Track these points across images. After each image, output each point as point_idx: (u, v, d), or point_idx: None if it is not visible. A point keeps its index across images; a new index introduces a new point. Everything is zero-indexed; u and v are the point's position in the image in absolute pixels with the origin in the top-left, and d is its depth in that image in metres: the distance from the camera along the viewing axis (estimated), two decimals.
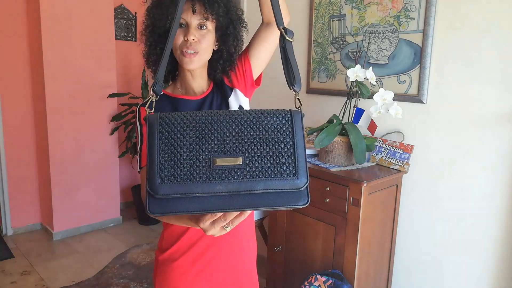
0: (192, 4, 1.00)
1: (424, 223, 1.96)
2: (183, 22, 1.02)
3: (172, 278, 1.10)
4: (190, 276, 1.10)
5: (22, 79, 3.28)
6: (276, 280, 2.12)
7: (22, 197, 3.39)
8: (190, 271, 1.10)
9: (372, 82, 1.82)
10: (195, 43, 1.02)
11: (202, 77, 1.12)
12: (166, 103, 1.09)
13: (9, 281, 2.62)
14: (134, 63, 3.94)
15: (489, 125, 1.71)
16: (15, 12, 3.17)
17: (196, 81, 1.11)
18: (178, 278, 1.10)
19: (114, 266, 2.84)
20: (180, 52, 1.03)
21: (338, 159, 1.89)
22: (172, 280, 1.10)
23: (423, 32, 1.85)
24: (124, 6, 3.79)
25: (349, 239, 1.74)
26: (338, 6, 2.20)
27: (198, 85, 1.12)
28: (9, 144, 3.25)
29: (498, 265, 1.74)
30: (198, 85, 1.12)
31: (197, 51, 1.03)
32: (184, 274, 1.10)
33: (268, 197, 0.70)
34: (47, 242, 3.25)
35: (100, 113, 3.43)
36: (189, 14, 1.01)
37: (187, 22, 1.02)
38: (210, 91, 1.13)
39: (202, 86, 1.13)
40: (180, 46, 1.02)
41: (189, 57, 1.02)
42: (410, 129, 1.96)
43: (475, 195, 1.78)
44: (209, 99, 1.12)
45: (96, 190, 3.50)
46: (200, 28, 1.03)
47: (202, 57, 1.05)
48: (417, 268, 2.00)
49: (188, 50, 1.02)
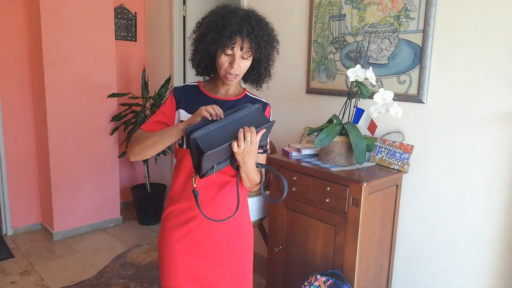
0: (242, 42, 1.22)
1: (424, 223, 1.96)
2: (231, 53, 1.23)
3: (164, 233, 1.37)
4: (178, 235, 1.33)
5: (22, 79, 3.28)
6: (276, 280, 2.12)
7: (22, 197, 3.39)
8: (177, 230, 1.33)
9: (372, 82, 1.82)
10: (237, 69, 1.25)
11: (232, 86, 1.36)
12: (194, 91, 1.35)
13: (9, 281, 2.62)
14: (134, 63, 3.94)
15: (489, 125, 1.71)
16: (15, 12, 3.16)
17: (224, 87, 1.35)
18: (168, 235, 1.35)
19: (114, 266, 2.84)
20: (224, 73, 1.26)
21: (338, 159, 1.89)
22: (164, 235, 1.36)
23: (423, 32, 1.85)
24: (124, 6, 3.79)
25: (349, 239, 1.74)
26: (338, 6, 2.20)
27: (225, 91, 1.36)
28: (9, 144, 3.25)
29: (498, 265, 1.74)
30: (225, 91, 1.36)
31: (237, 74, 1.27)
32: (173, 231, 1.34)
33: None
34: (47, 242, 3.25)
35: (100, 113, 3.43)
36: (237, 48, 1.22)
37: (234, 54, 1.23)
38: (236, 99, 1.35)
39: (229, 90, 1.36)
40: (225, 68, 1.26)
41: (231, 80, 1.27)
42: (410, 129, 1.96)
43: (475, 195, 1.78)
44: (230, 104, 1.33)
45: (96, 190, 3.50)
46: (242, 58, 1.25)
47: (239, 77, 1.31)
48: (417, 268, 2.00)
49: (230, 75, 1.26)
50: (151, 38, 3.90)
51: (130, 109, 3.48)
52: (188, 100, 1.32)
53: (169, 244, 1.34)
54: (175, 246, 1.33)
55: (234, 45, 1.21)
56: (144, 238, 3.37)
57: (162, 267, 1.37)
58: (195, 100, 1.32)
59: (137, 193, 3.64)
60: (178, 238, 1.33)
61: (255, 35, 1.22)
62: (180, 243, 1.33)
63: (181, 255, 1.33)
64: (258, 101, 1.38)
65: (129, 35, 3.87)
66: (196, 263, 1.33)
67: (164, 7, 3.66)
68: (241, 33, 1.20)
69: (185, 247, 1.33)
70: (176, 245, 1.33)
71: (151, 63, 3.93)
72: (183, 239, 1.33)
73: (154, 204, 3.67)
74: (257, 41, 1.23)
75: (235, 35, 1.20)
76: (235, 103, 1.34)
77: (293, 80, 2.51)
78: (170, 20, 3.58)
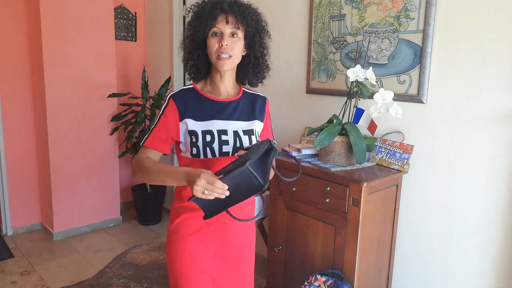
0: (226, 16, 1.21)
1: (424, 223, 1.96)
2: (218, 31, 1.22)
3: (176, 243, 1.30)
4: (192, 241, 1.28)
5: (22, 79, 3.28)
6: (276, 280, 2.12)
7: (22, 197, 3.39)
8: (190, 237, 1.29)
9: (372, 82, 1.82)
10: (228, 48, 1.22)
11: (230, 80, 1.32)
12: (193, 95, 1.29)
13: (9, 281, 2.62)
14: (134, 63, 3.94)
15: (489, 125, 1.71)
16: (14, 12, 3.17)
17: (223, 83, 1.31)
18: (183, 242, 1.29)
19: (114, 266, 2.84)
20: (216, 56, 1.23)
21: (338, 159, 1.89)
22: (177, 244, 1.30)
23: (423, 32, 1.85)
24: (124, 6, 3.79)
25: (349, 239, 1.74)
26: (338, 6, 2.20)
27: (224, 87, 1.32)
28: (9, 144, 3.25)
29: (498, 265, 1.74)
30: (224, 87, 1.32)
31: (230, 54, 1.23)
32: (187, 239, 1.28)
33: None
34: (47, 242, 3.25)
35: (100, 113, 3.43)
36: (223, 24, 1.21)
37: (221, 31, 1.22)
38: (237, 99, 1.33)
39: (228, 89, 1.33)
40: (216, 51, 1.22)
41: (224, 60, 1.22)
42: (410, 129, 1.96)
43: (475, 195, 1.78)
44: (233, 105, 1.32)
45: (96, 190, 3.50)
46: (232, 36, 1.23)
47: (234, 60, 1.25)
48: (417, 268, 2.00)
49: (222, 54, 1.22)
50: (151, 38, 3.90)
51: (130, 109, 3.49)
52: (193, 107, 1.27)
53: (189, 252, 1.28)
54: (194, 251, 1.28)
55: (217, 19, 1.20)
56: (144, 238, 3.37)
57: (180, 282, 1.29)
58: (200, 105, 1.28)
59: (137, 193, 3.64)
60: (196, 244, 1.29)
61: (238, 6, 1.22)
62: (199, 246, 1.29)
63: (202, 262, 1.29)
64: (255, 96, 1.39)
65: (129, 35, 3.87)
66: (214, 266, 1.31)
67: (164, 7, 3.66)
68: (223, 7, 1.21)
69: (204, 253, 1.29)
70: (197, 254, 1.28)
71: (151, 63, 3.93)
72: (202, 242, 1.29)
73: (154, 204, 3.67)
74: (241, 12, 1.22)
75: (216, 9, 1.20)
76: (238, 103, 1.33)
77: (293, 80, 2.51)
78: (170, 20, 3.58)
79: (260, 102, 1.38)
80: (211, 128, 1.25)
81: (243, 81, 1.38)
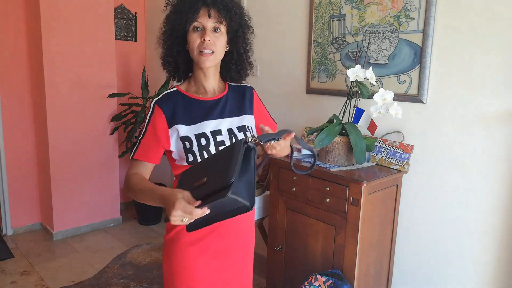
0: (208, 10, 1.15)
1: (424, 223, 1.96)
2: (200, 26, 1.16)
3: (176, 253, 1.22)
4: (193, 252, 1.21)
5: (22, 79, 3.28)
6: (276, 280, 2.12)
7: (22, 197, 3.39)
8: (191, 248, 1.21)
9: (372, 82, 1.82)
10: (210, 43, 1.15)
11: (215, 77, 1.26)
12: (179, 99, 1.22)
13: (9, 281, 2.62)
14: (134, 63, 3.94)
15: (489, 125, 1.71)
16: (14, 11, 3.17)
17: (208, 81, 1.25)
18: (183, 252, 1.21)
19: (114, 266, 2.83)
20: (198, 52, 1.16)
21: (338, 159, 1.89)
22: (176, 254, 1.22)
23: (423, 32, 1.85)
24: (124, 6, 3.79)
25: (349, 239, 1.74)
26: (338, 6, 2.20)
27: (210, 85, 1.26)
28: (9, 144, 3.25)
29: (499, 265, 1.74)
30: (210, 85, 1.26)
31: (213, 50, 1.16)
32: (187, 249, 1.21)
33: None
34: (47, 242, 3.25)
35: (100, 113, 3.43)
36: (205, 18, 1.15)
37: (203, 26, 1.16)
38: (224, 95, 1.27)
39: (214, 86, 1.27)
40: (197, 46, 1.16)
41: (206, 56, 1.16)
42: (410, 129, 1.96)
43: (475, 195, 1.78)
44: (222, 102, 1.26)
45: (96, 190, 3.50)
46: (214, 31, 1.17)
47: (216, 56, 1.19)
48: (417, 268, 2.00)
49: (205, 50, 1.15)
50: (151, 38, 3.90)
51: (130, 109, 3.48)
52: (181, 111, 1.19)
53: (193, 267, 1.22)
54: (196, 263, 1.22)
55: (199, 13, 1.14)
56: (144, 238, 3.37)
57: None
58: (188, 108, 1.20)
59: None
60: (198, 253, 1.22)
61: (220, 0, 1.16)
62: (201, 258, 1.22)
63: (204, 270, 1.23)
64: (242, 88, 1.33)
65: (129, 35, 3.87)
66: (218, 281, 1.25)
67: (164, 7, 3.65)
68: (205, 0, 1.15)
69: (208, 268, 1.23)
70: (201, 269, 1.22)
71: (151, 63, 3.93)
72: (203, 253, 1.22)
73: None
74: (224, 5, 1.16)
75: (198, 2, 1.14)
76: (226, 99, 1.26)
77: (293, 80, 2.51)
78: None
79: (248, 94, 1.33)
80: (204, 130, 1.18)
81: (225, 78, 1.31)
